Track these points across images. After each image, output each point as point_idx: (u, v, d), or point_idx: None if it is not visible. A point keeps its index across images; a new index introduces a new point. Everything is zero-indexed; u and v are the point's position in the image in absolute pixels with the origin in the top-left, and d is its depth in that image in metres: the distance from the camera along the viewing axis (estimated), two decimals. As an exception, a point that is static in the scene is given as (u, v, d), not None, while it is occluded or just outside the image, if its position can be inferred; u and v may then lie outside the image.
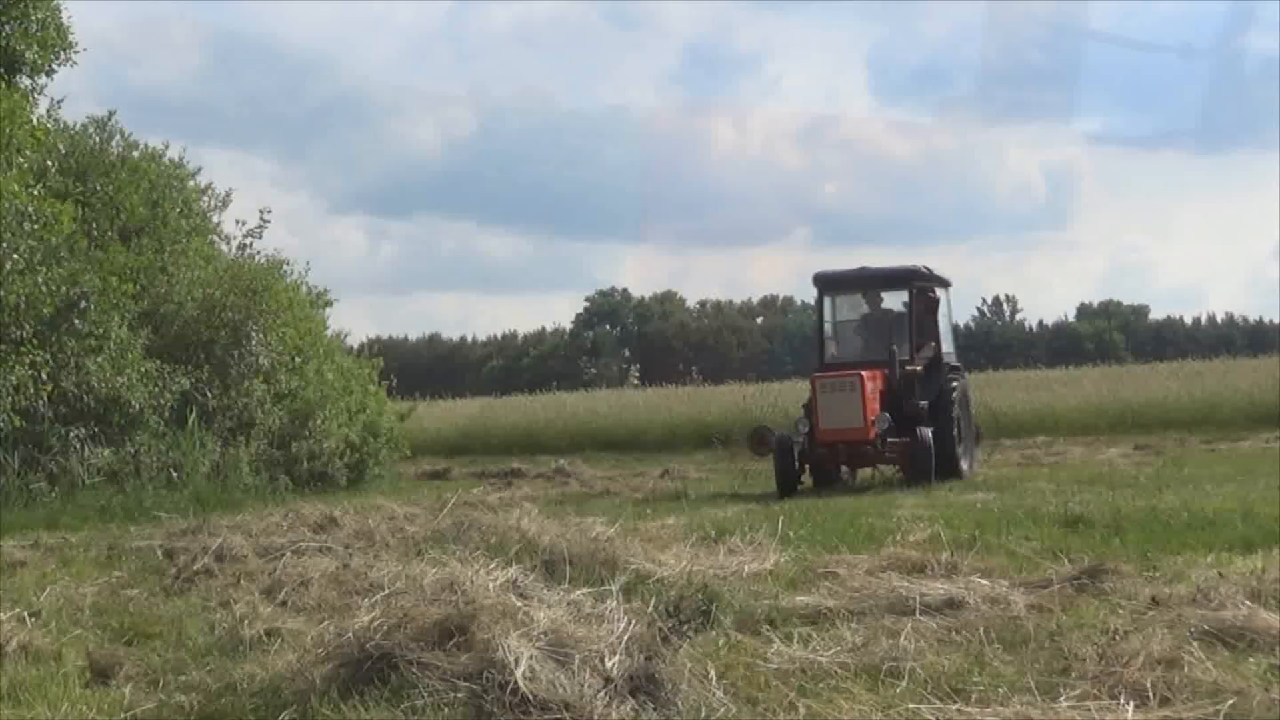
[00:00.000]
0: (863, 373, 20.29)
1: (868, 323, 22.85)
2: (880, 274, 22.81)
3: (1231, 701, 5.39)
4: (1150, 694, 5.52)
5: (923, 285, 22.25)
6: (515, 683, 5.47)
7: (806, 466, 20.79)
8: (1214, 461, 22.80)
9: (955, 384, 21.61)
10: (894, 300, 22.66)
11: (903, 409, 20.49)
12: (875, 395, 20.42)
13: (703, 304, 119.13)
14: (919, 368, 21.49)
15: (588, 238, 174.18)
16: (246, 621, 7.71)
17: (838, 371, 20.96)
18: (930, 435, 20.19)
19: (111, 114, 21.94)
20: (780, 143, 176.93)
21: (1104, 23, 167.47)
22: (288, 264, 24.28)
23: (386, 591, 7.00)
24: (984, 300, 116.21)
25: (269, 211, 24.74)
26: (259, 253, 23.95)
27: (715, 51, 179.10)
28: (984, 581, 8.23)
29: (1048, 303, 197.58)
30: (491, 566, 7.12)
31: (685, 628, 6.95)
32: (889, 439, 20.21)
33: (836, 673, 6.17)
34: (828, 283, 22.69)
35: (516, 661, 5.57)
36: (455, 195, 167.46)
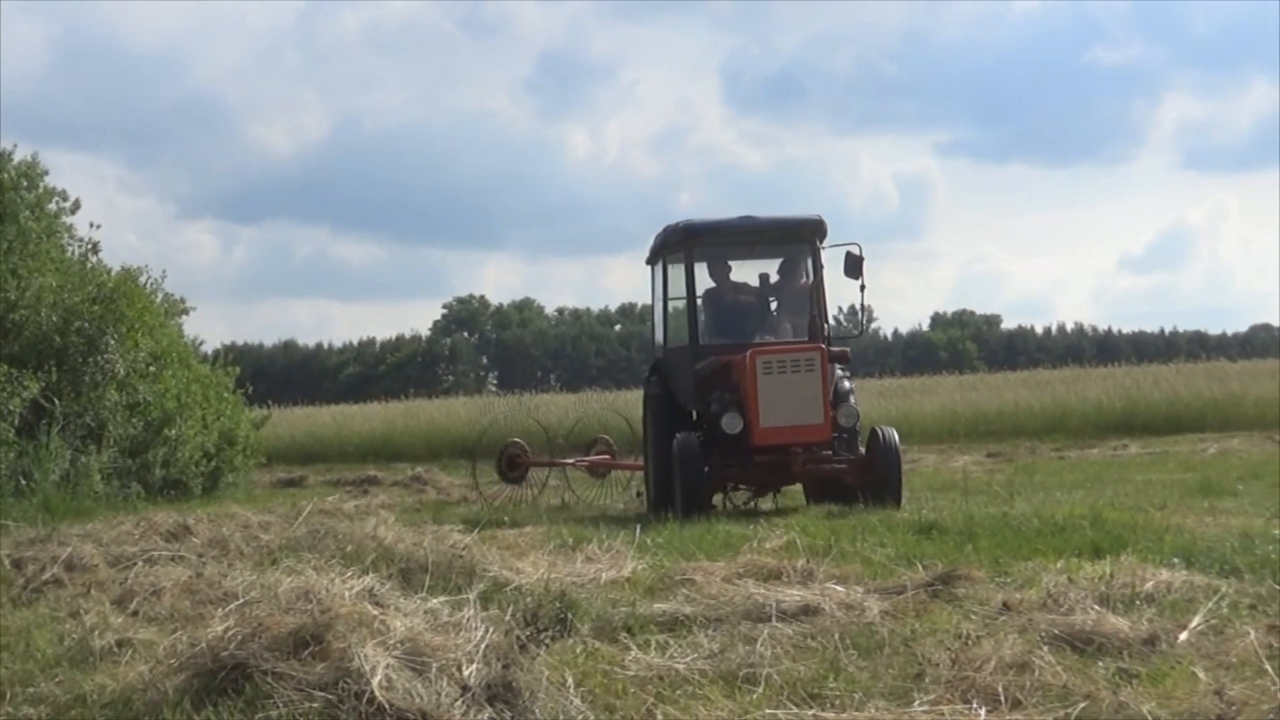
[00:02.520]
0: (825, 347, 16.00)
1: (722, 296, 17.77)
2: (771, 225, 17.70)
3: (1081, 705, 5.47)
4: (1002, 698, 5.59)
5: (819, 244, 17.38)
6: (372, 692, 5.42)
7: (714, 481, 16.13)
8: (1064, 469, 23.20)
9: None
10: (748, 272, 17.95)
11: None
12: None
13: (561, 311, 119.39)
14: (848, 350, 17.22)
15: (444, 245, 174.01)
16: (97, 632, 7.57)
17: (787, 346, 16.30)
18: (895, 436, 16.04)
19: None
20: (635, 151, 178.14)
21: (955, 35, 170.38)
22: (143, 271, 23.93)
23: (240, 600, 6.93)
24: (840, 309, 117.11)
25: (98, 227, 24.15)
26: (110, 268, 23.51)
27: (569, 59, 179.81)
28: (839, 588, 8.29)
29: (902, 312, 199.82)
30: (347, 575, 7.07)
31: (543, 635, 6.94)
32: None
33: (694, 679, 6.19)
34: (696, 235, 17.41)
35: (373, 670, 5.53)
36: (309, 201, 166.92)
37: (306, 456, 35.90)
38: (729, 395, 16.05)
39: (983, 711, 5.49)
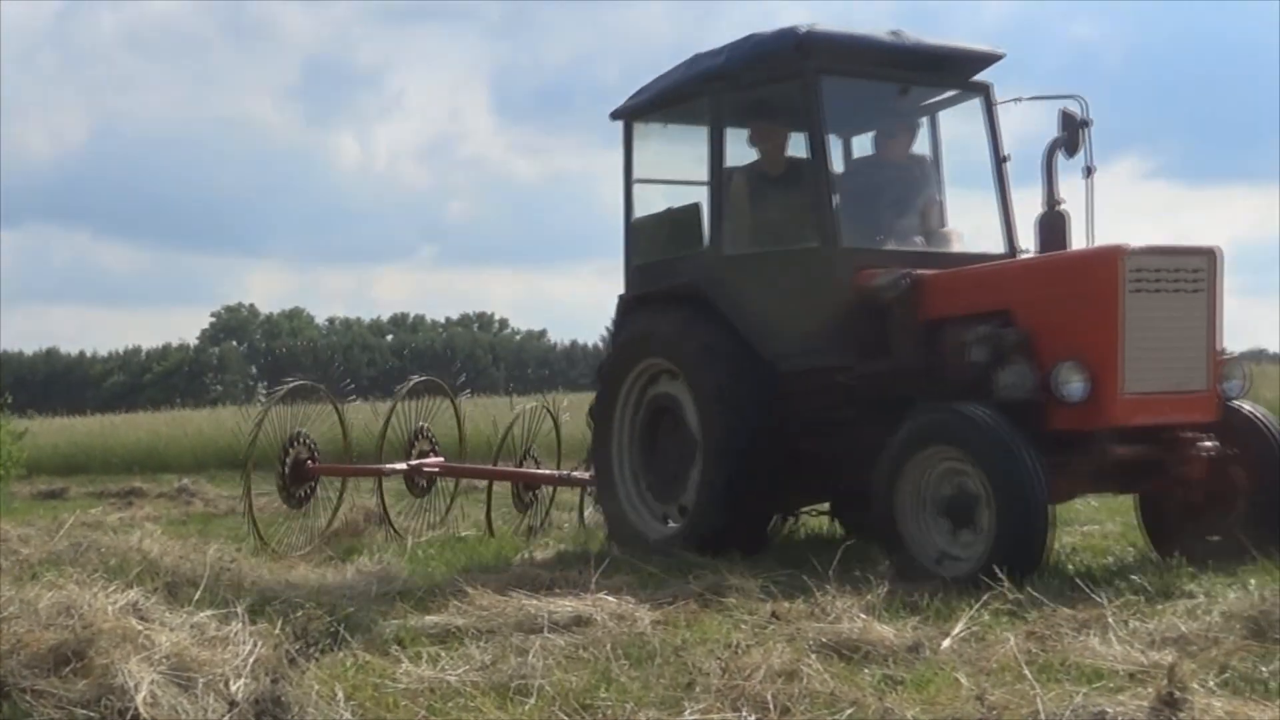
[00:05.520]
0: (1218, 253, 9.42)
1: (866, 167, 11.67)
2: (936, 54, 11.27)
3: (848, 711, 5.57)
4: (771, 705, 5.66)
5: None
6: (136, 709, 5.32)
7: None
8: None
9: None
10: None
11: None
12: None
13: (331, 321, 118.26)
14: None
15: (209, 251, 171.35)
16: None
17: (1171, 248, 9.44)
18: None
19: None
20: (403, 160, 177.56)
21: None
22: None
23: (-2, 617, 6.75)
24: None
25: None
26: None
27: (336, 66, 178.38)
28: (611, 599, 8.32)
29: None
30: (111, 589, 6.91)
31: (313, 649, 6.86)
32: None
33: (465, 691, 6.16)
34: (822, 50, 10.73)
35: (137, 687, 5.43)
36: (68, 205, 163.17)
37: (69, 468, 34.99)
38: (1010, 336, 9.52)
39: (752, 718, 5.56)
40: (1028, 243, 11.08)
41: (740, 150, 11.61)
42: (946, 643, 6.84)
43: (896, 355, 10.19)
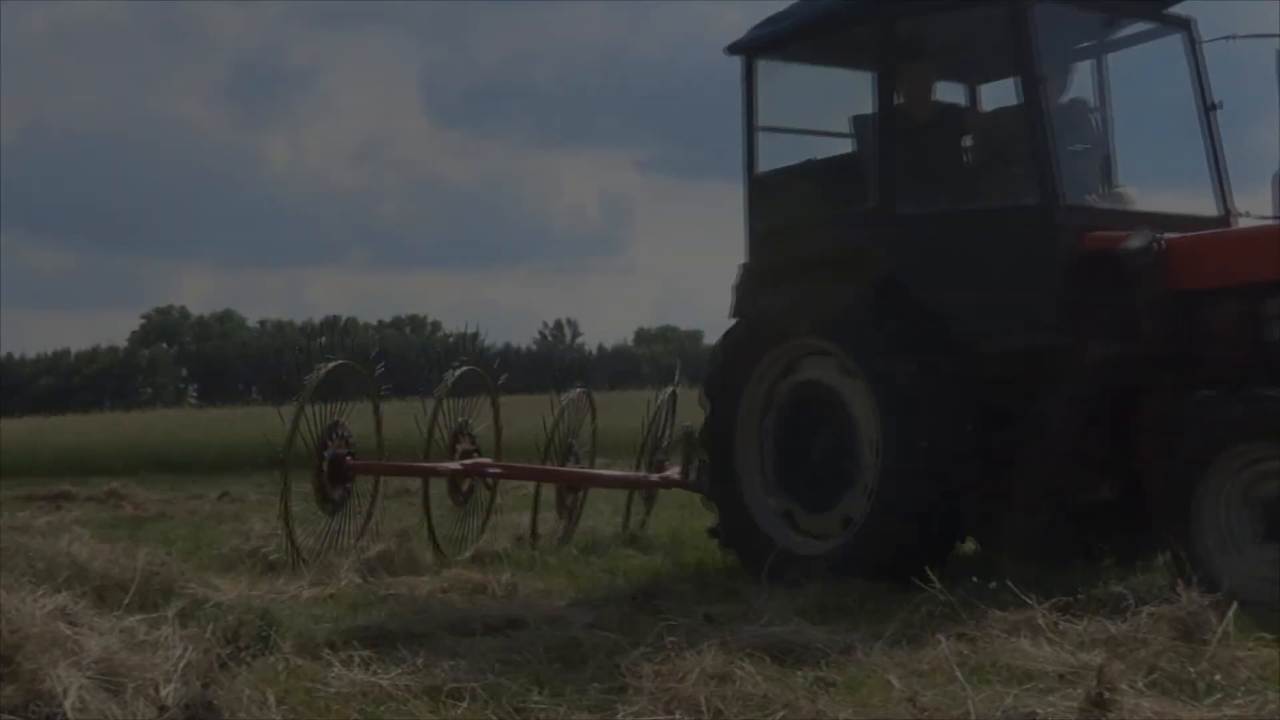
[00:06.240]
0: None
1: (1076, 112, 9.97)
2: None
3: (781, 714, 5.58)
4: (704, 708, 5.66)
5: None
6: (64, 714, 5.28)
7: None
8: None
9: None
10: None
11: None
12: None
13: (263, 323, 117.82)
14: None
15: (139, 253, 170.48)
16: None
17: None
18: None
19: None
20: (335, 161, 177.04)
21: (652, 53, 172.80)
22: None
23: (-76, 622, 6.68)
24: (545, 324, 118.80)
25: None
26: None
27: (267, 66, 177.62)
28: (544, 601, 8.32)
29: (607, 326, 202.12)
30: (39, 594, 6.85)
31: (243, 653, 6.83)
32: None
33: (398, 695, 6.14)
34: None
35: (65, 692, 5.38)
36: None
37: (-5, 471, 34.76)
38: None
39: (685, 722, 5.57)
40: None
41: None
42: (879, 645, 6.87)
43: (1147, 333, 8.58)
